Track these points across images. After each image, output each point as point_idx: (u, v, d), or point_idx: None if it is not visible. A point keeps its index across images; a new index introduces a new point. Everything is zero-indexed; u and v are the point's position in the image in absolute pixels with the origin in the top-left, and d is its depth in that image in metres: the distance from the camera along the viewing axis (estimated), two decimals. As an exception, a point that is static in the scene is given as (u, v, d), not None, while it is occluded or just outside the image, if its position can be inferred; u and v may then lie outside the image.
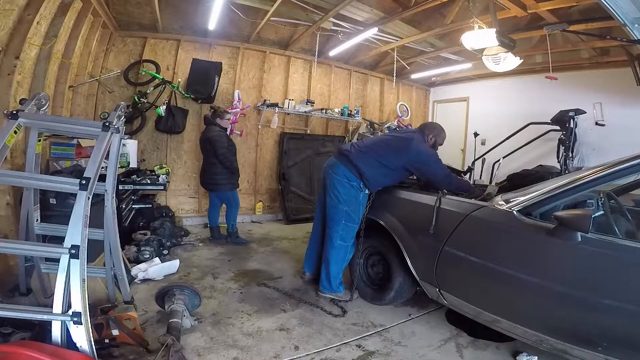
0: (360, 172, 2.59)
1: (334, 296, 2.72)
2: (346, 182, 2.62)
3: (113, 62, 4.41)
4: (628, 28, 2.93)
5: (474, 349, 2.15)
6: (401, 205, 2.56)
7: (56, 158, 3.01)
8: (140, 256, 3.14)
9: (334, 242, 2.67)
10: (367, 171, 2.58)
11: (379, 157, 2.59)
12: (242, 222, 5.21)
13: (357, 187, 2.62)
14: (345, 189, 2.62)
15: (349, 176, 2.62)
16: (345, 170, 2.63)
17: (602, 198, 1.97)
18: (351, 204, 2.63)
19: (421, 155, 2.58)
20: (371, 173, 2.59)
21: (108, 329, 1.86)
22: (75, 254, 1.43)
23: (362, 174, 2.59)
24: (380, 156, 2.59)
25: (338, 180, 2.64)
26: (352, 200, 2.63)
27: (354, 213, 2.64)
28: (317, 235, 2.95)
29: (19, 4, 2.52)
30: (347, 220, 2.64)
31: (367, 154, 2.63)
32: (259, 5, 4.04)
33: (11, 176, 1.85)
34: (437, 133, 2.79)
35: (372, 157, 2.60)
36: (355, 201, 2.64)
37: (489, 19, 3.58)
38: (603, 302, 1.48)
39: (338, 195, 2.64)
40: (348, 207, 2.63)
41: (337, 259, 2.69)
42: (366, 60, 6.18)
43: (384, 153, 2.61)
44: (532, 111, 5.20)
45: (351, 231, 2.66)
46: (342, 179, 2.63)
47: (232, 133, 5.08)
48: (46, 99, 1.85)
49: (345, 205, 2.62)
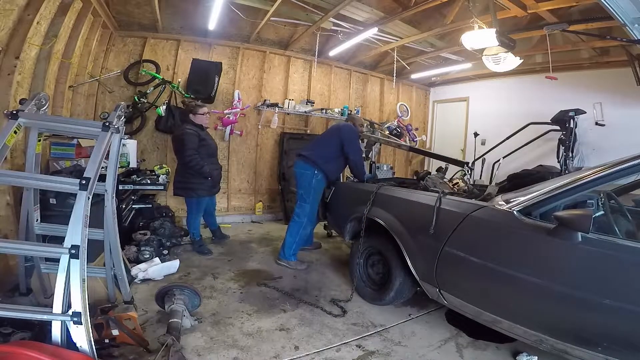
0: (313, 160, 3.26)
1: (287, 264, 3.35)
2: (303, 171, 3.32)
3: (113, 62, 4.41)
4: (628, 28, 2.93)
5: (474, 349, 2.15)
6: (401, 205, 2.56)
7: (56, 158, 3.01)
8: (140, 256, 3.14)
9: (292, 218, 3.41)
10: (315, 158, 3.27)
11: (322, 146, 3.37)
12: (242, 222, 5.23)
13: (310, 174, 3.27)
14: (303, 177, 3.32)
15: (305, 167, 3.30)
16: (302, 164, 3.33)
17: (602, 198, 1.97)
18: (305, 188, 3.31)
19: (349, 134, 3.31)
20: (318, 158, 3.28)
21: (108, 329, 1.86)
22: (75, 254, 1.43)
23: (314, 162, 3.25)
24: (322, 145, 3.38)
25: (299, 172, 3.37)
26: (305, 185, 3.30)
27: (306, 195, 3.30)
28: None
29: (19, 4, 2.52)
30: (301, 201, 3.35)
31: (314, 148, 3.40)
32: (259, 5, 4.04)
33: (11, 176, 1.84)
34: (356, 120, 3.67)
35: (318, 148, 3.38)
36: (309, 186, 3.28)
37: (489, 19, 3.58)
38: (603, 302, 1.47)
39: (298, 183, 3.39)
40: (302, 191, 3.34)
41: (292, 232, 3.36)
42: (366, 60, 6.18)
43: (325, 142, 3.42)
44: (532, 111, 5.20)
45: (304, 210, 3.32)
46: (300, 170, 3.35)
47: (233, 133, 5.09)
48: (46, 99, 1.85)
49: (301, 189, 3.35)
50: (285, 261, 3.36)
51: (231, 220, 5.14)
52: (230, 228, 4.78)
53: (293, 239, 3.35)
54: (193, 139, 3.33)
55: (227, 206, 5.25)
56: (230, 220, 5.11)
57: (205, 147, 3.46)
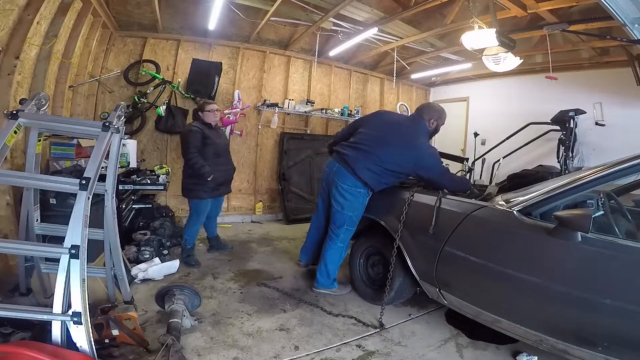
0: (365, 180, 2.57)
1: (329, 292, 2.81)
2: (354, 190, 2.60)
3: (113, 62, 4.41)
4: (628, 28, 2.93)
5: (474, 348, 2.15)
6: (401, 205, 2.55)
7: (56, 158, 3.00)
8: (140, 256, 3.14)
9: (335, 244, 2.74)
10: (369, 180, 2.56)
11: (381, 162, 2.52)
12: (242, 222, 5.23)
13: (364, 193, 2.63)
14: (354, 196, 2.61)
15: (358, 185, 2.59)
16: (352, 179, 2.58)
17: (602, 198, 1.97)
18: (356, 210, 2.66)
19: (424, 161, 2.49)
20: (374, 180, 2.57)
21: (108, 329, 1.86)
22: (75, 254, 1.43)
23: (367, 182, 2.57)
24: (383, 161, 2.52)
25: (346, 189, 2.61)
26: (357, 207, 2.66)
27: (357, 217, 2.69)
28: (318, 225, 2.98)
29: (19, 4, 2.51)
30: (349, 225, 2.68)
31: (368, 159, 2.54)
32: (259, 5, 4.03)
33: (11, 176, 1.84)
34: (438, 115, 2.71)
35: (374, 163, 2.52)
36: (361, 207, 2.67)
37: (489, 19, 3.57)
38: (603, 302, 1.47)
39: (343, 202, 2.63)
40: (352, 213, 2.65)
41: (335, 259, 2.78)
42: (366, 60, 6.17)
43: (386, 159, 2.52)
44: (532, 111, 5.19)
45: (350, 234, 2.75)
46: (350, 187, 2.60)
47: (233, 133, 5.08)
48: (46, 99, 1.85)
49: (350, 211, 2.64)
50: (327, 289, 2.82)
51: (231, 220, 5.14)
52: (230, 228, 4.78)
53: (335, 266, 2.80)
54: (196, 137, 3.21)
55: (227, 206, 5.24)
56: (230, 220, 5.11)
57: (211, 146, 3.29)
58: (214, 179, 3.22)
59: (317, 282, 2.82)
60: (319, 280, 2.81)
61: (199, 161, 3.18)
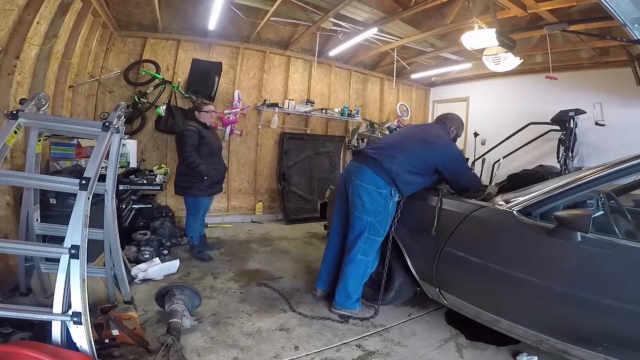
0: (392, 176, 2.29)
1: (350, 313, 2.46)
2: (374, 190, 2.32)
3: (113, 62, 4.41)
4: (628, 28, 2.93)
5: (474, 349, 2.15)
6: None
7: (56, 158, 3.01)
8: (140, 256, 3.14)
9: (354, 256, 2.40)
10: (401, 173, 2.29)
11: (408, 159, 2.33)
12: (242, 222, 5.23)
13: (386, 194, 2.32)
14: (372, 197, 2.32)
15: (379, 183, 2.31)
16: (374, 176, 2.31)
17: (602, 198, 1.97)
18: (378, 214, 2.34)
19: (452, 156, 2.39)
20: (400, 176, 2.30)
21: (108, 329, 1.86)
22: (75, 254, 1.43)
23: (394, 178, 2.29)
24: (409, 158, 2.34)
25: (364, 187, 2.33)
26: (379, 210, 2.34)
27: (380, 224, 2.36)
28: (333, 250, 2.65)
29: (19, 4, 2.52)
30: (370, 233, 2.36)
31: (396, 156, 2.33)
32: (259, 5, 4.03)
33: (11, 176, 1.85)
34: (458, 125, 2.66)
35: (402, 161, 2.32)
36: (384, 211, 2.35)
37: (489, 19, 3.57)
38: (603, 302, 1.47)
39: (363, 204, 2.34)
40: (374, 218, 2.34)
41: (356, 275, 2.42)
42: (366, 60, 6.17)
43: (413, 154, 2.36)
44: (532, 111, 5.19)
45: (374, 245, 2.41)
46: (369, 186, 2.32)
47: (233, 133, 5.09)
48: (46, 99, 1.85)
49: (371, 216, 2.34)
50: (348, 310, 2.46)
51: (231, 220, 5.14)
52: (230, 228, 4.78)
53: (358, 284, 2.44)
54: (193, 136, 3.28)
55: (227, 206, 5.25)
56: (230, 220, 5.12)
57: (206, 146, 3.37)
58: (210, 177, 3.36)
59: (335, 301, 2.48)
60: (337, 300, 2.48)
61: (197, 160, 3.26)
